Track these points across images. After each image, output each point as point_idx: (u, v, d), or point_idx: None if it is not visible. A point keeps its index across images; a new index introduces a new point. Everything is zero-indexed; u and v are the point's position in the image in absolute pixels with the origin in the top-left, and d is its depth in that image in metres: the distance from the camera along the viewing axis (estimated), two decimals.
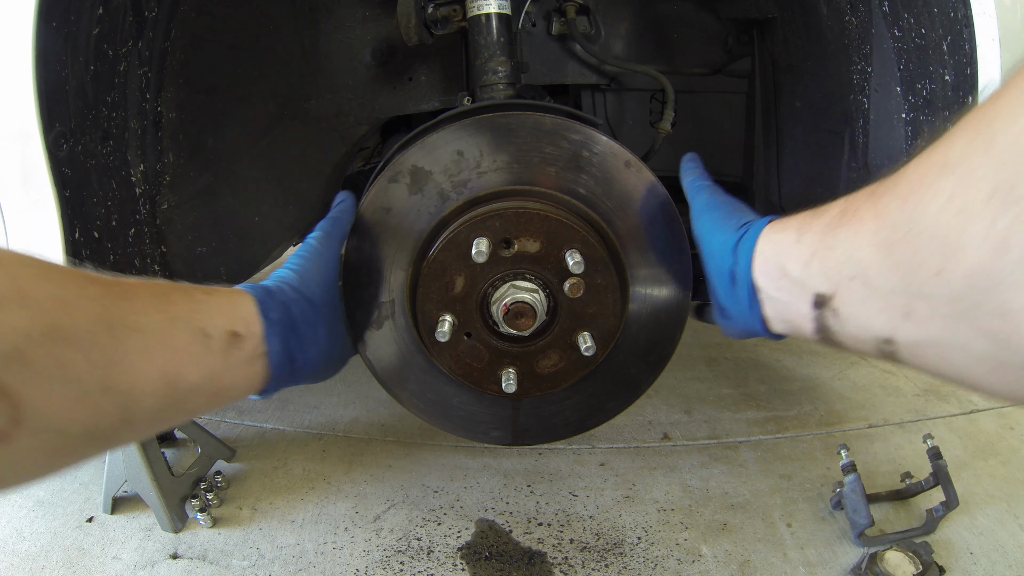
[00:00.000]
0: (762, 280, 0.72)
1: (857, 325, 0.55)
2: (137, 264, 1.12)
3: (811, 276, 0.62)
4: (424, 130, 1.13)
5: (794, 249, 0.65)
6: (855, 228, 0.54)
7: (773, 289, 0.70)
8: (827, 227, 0.59)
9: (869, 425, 2.01)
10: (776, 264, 0.69)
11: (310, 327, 0.84)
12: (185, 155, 1.20)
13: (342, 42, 1.36)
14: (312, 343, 0.85)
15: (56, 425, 0.50)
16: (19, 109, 0.89)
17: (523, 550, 1.49)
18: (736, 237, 0.79)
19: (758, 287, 0.73)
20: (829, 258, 0.58)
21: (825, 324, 0.60)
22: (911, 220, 0.45)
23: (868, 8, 1.09)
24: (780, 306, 0.70)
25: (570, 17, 1.38)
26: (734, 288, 0.78)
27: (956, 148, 0.42)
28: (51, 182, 0.93)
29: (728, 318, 0.82)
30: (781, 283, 0.68)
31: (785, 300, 0.68)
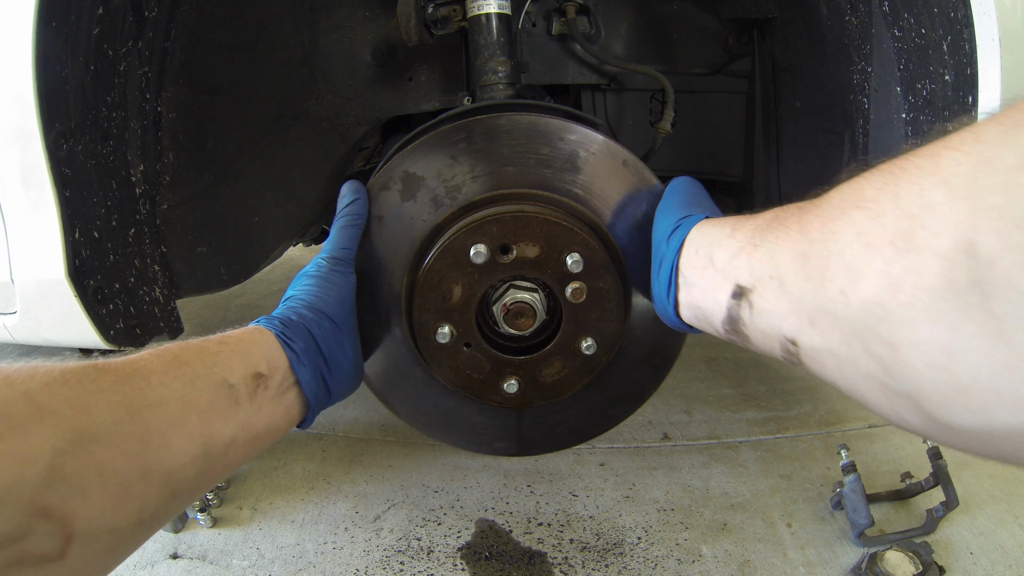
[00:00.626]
0: (686, 266, 0.77)
1: (767, 322, 0.60)
2: (137, 264, 1.12)
3: (735, 268, 0.66)
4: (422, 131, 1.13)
5: (725, 241, 0.70)
6: (781, 234, 0.59)
7: (695, 276, 0.75)
8: (757, 228, 0.65)
9: (869, 425, 2.01)
10: (705, 253, 0.73)
11: (336, 344, 0.84)
12: (185, 155, 1.20)
13: (342, 42, 1.36)
14: (341, 359, 0.85)
15: (106, 526, 0.50)
16: (19, 109, 0.89)
17: (523, 550, 1.49)
18: (674, 225, 0.84)
19: (680, 272, 0.78)
20: (754, 255, 0.63)
21: (738, 315, 0.64)
22: (827, 240, 0.50)
23: (868, 8, 1.09)
24: (698, 293, 0.74)
25: (570, 17, 1.38)
26: (659, 271, 0.83)
27: (871, 188, 0.47)
28: (51, 182, 0.93)
29: (654, 302, 0.87)
30: (705, 272, 0.72)
31: (705, 287, 0.72)
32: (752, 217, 0.68)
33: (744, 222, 0.69)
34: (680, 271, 0.78)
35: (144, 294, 1.13)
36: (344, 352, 0.84)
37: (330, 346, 0.82)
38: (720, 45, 1.51)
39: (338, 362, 0.83)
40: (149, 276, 1.15)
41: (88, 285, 1.01)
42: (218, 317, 2.75)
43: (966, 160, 0.39)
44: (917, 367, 0.41)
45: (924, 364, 0.41)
